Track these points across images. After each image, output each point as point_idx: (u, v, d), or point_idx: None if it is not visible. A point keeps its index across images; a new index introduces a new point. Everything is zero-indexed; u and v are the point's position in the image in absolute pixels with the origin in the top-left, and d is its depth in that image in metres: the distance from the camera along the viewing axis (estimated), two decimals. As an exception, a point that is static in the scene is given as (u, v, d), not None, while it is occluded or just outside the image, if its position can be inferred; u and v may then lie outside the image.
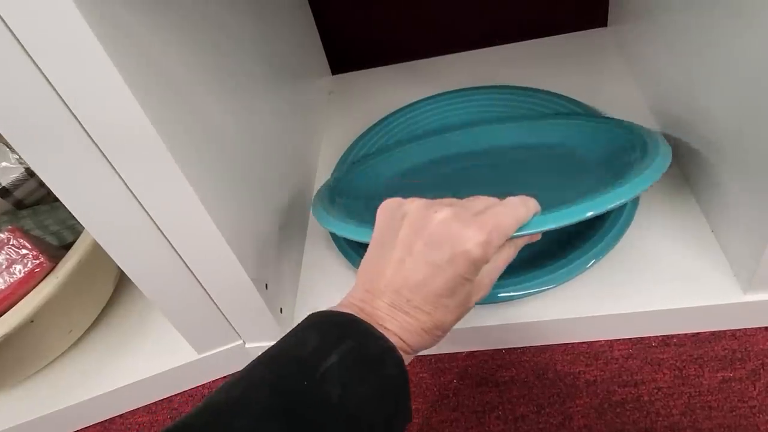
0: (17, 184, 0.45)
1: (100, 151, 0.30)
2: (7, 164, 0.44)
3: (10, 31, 0.25)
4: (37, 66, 0.26)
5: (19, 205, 0.46)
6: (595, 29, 0.64)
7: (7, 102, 0.27)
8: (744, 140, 0.35)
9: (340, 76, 0.70)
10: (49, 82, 0.27)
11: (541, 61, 0.62)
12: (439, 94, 0.58)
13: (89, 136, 0.29)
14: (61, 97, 0.28)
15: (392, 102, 0.59)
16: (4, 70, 0.26)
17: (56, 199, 0.50)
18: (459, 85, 0.59)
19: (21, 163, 0.45)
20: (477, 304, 0.33)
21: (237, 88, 0.41)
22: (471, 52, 0.67)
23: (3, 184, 0.44)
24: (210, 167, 0.35)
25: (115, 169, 0.31)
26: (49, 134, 0.29)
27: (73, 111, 0.28)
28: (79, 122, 0.29)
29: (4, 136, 0.29)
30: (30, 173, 0.45)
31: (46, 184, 0.31)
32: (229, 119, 0.39)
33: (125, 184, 0.32)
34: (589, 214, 0.33)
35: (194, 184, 0.32)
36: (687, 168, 0.46)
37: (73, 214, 0.33)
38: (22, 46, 0.26)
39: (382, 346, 0.28)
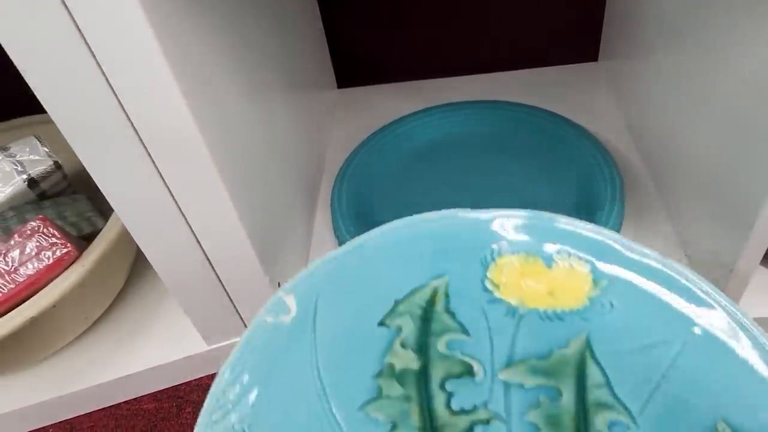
0: (45, 176, 0.47)
1: (144, 146, 0.33)
2: (37, 157, 0.46)
3: (82, 36, 0.28)
4: (101, 68, 0.29)
5: (42, 195, 0.49)
6: (587, 63, 0.69)
7: (67, 96, 0.30)
8: (715, 172, 0.40)
9: (345, 90, 0.73)
10: (109, 83, 0.30)
11: (534, 89, 0.67)
12: (423, 110, 0.62)
13: (136, 132, 0.32)
14: (116, 95, 0.31)
15: (392, 117, 0.63)
16: (72, 71, 0.29)
17: (75, 192, 0.52)
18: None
19: (50, 156, 0.47)
20: None
21: (260, 95, 0.44)
22: (470, 76, 0.71)
23: (32, 176, 0.46)
24: (239, 168, 0.38)
25: (154, 163, 0.34)
26: (101, 129, 0.32)
27: (125, 108, 0.31)
28: (129, 118, 0.32)
29: (60, 126, 0.32)
30: (57, 166, 0.48)
31: (89, 170, 0.34)
32: (253, 124, 0.42)
33: (162, 178, 0.35)
34: None
35: (226, 182, 0.35)
36: (667, 200, 0.50)
37: (109, 200, 0.36)
38: (92, 53, 0.29)
39: None
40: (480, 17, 0.66)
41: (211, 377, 0.50)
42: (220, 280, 0.43)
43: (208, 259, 0.41)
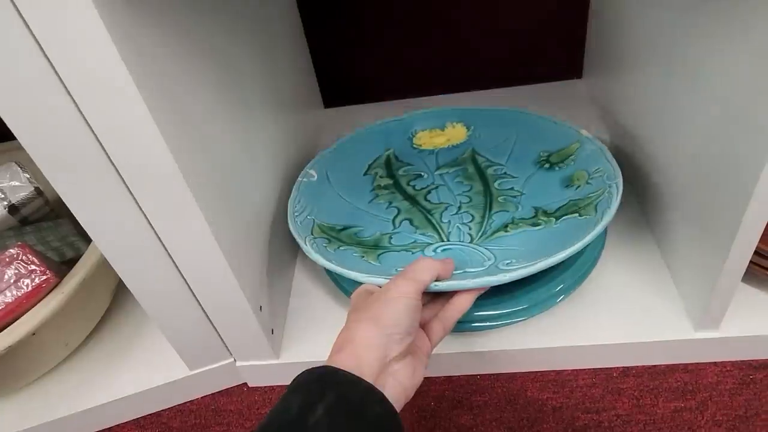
0: (25, 202, 0.47)
1: (121, 177, 0.33)
2: (18, 183, 0.46)
3: (56, 73, 0.28)
4: (75, 103, 0.29)
5: (24, 221, 0.49)
6: (571, 80, 0.69)
7: (39, 127, 0.30)
8: (698, 195, 0.40)
9: (332, 110, 0.74)
10: (84, 117, 0.30)
11: (520, 105, 0.67)
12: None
13: (113, 164, 0.32)
14: (92, 129, 0.31)
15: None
16: (42, 99, 0.29)
17: (58, 216, 0.52)
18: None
19: (31, 183, 0.47)
20: (454, 332, 0.39)
21: (240, 119, 0.44)
22: (456, 94, 0.71)
23: (13, 202, 0.46)
24: (217, 195, 0.38)
25: (132, 194, 0.34)
26: (76, 159, 0.32)
27: (99, 139, 0.31)
28: (104, 149, 0.32)
29: (33, 157, 0.32)
30: (39, 192, 0.48)
31: (65, 202, 0.34)
32: (234, 150, 0.42)
33: (140, 207, 0.35)
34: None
35: (203, 209, 0.35)
36: (649, 213, 0.51)
37: (87, 230, 0.36)
38: (66, 88, 0.29)
39: (363, 388, 0.29)
40: (465, 37, 0.67)
41: (194, 402, 0.49)
42: (201, 306, 0.42)
43: (189, 288, 0.41)
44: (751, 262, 0.39)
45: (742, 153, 0.33)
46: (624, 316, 0.45)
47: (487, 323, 0.44)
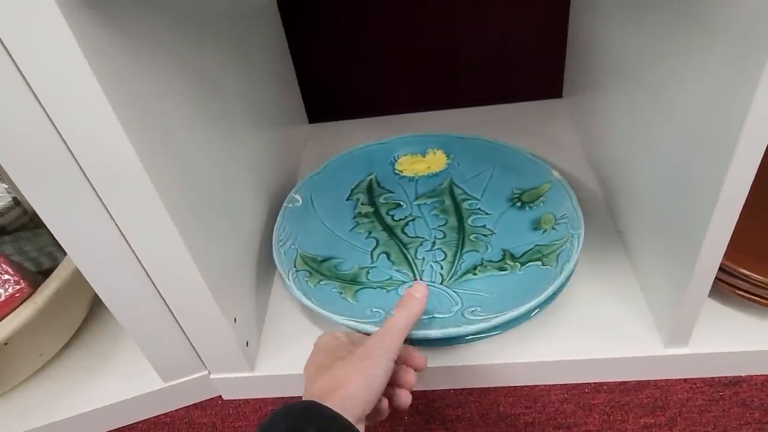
0: (3, 212, 0.47)
1: (93, 188, 0.33)
2: (-4, 193, 0.46)
3: (26, 81, 0.29)
4: (46, 113, 0.30)
5: (2, 231, 0.49)
6: (551, 99, 0.71)
7: (12, 140, 0.31)
8: (666, 213, 0.41)
9: (316, 125, 0.75)
10: (55, 127, 0.30)
11: (500, 124, 0.68)
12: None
13: (84, 175, 0.33)
14: (63, 139, 0.31)
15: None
16: (15, 113, 0.30)
17: (36, 227, 0.53)
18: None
19: (9, 193, 0.47)
20: (428, 346, 0.41)
21: (219, 132, 0.45)
22: (438, 111, 0.72)
23: (-10, 211, 0.46)
24: (191, 207, 0.38)
25: (104, 205, 0.34)
26: (49, 172, 0.32)
27: (72, 152, 0.31)
28: (78, 162, 0.32)
29: (6, 170, 0.32)
30: (16, 202, 0.48)
31: (39, 214, 0.34)
32: (209, 162, 0.42)
33: (112, 218, 0.35)
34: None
35: (176, 222, 0.35)
36: (623, 232, 0.51)
37: (60, 242, 0.36)
38: (36, 96, 0.29)
39: (343, 424, 0.30)
40: (448, 54, 0.68)
41: (168, 415, 0.49)
42: (175, 319, 0.42)
43: (162, 299, 0.41)
44: (718, 279, 0.40)
45: (703, 171, 0.34)
46: (596, 331, 0.45)
47: (461, 338, 0.44)
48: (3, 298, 0.41)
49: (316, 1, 0.64)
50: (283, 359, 0.48)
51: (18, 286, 0.41)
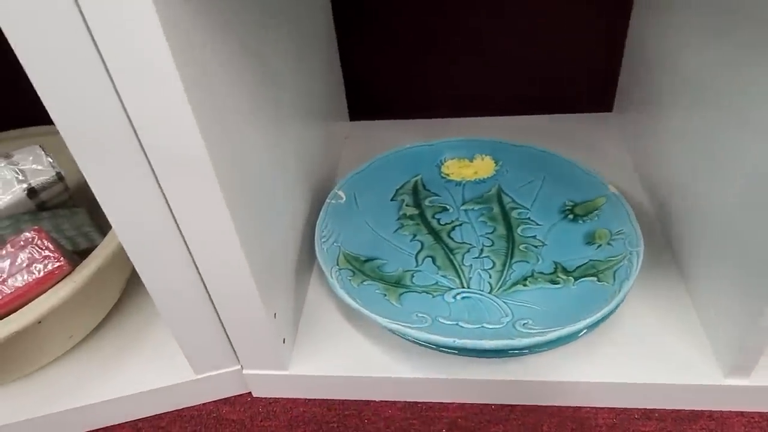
0: (45, 186, 0.46)
1: (149, 162, 0.32)
2: (40, 167, 0.45)
3: (98, 51, 0.27)
4: (113, 83, 0.28)
5: (42, 206, 0.48)
6: (601, 113, 0.69)
7: (75, 110, 0.29)
8: (738, 238, 0.38)
9: (357, 122, 0.73)
10: (120, 98, 0.29)
11: (547, 135, 0.66)
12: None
13: (142, 148, 0.31)
14: (126, 111, 0.30)
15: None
16: (85, 85, 0.28)
17: (75, 205, 0.51)
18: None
19: (53, 167, 0.46)
20: (470, 356, 0.39)
21: (270, 120, 0.43)
22: (483, 118, 0.71)
23: (33, 185, 0.45)
24: (243, 194, 0.37)
25: (159, 184, 0.33)
26: (108, 143, 0.31)
27: (134, 126, 0.30)
28: (137, 136, 0.31)
29: (65, 139, 0.31)
30: (59, 177, 0.47)
31: (92, 188, 0.33)
32: (262, 150, 0.41)
33: (166, 200, 0.34)
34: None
35: (230, 207, 0.34)
36: (679, 255, 0.49)
37: (109, 218, 0.35)
38: (106, 67, 0.28)
39: None
40: (499, 60, 0.67)
41: (195, 408, 0.47)
42: (215, 309, 0.41)
43: (205, 287, 0.39)
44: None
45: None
46: (648, 354, 0.43)
47: (512, 350, 0.42)
48: (42, 274, 0.40)
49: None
50: (318, 360, 0.46)
51: (58, 263, 0.40)
